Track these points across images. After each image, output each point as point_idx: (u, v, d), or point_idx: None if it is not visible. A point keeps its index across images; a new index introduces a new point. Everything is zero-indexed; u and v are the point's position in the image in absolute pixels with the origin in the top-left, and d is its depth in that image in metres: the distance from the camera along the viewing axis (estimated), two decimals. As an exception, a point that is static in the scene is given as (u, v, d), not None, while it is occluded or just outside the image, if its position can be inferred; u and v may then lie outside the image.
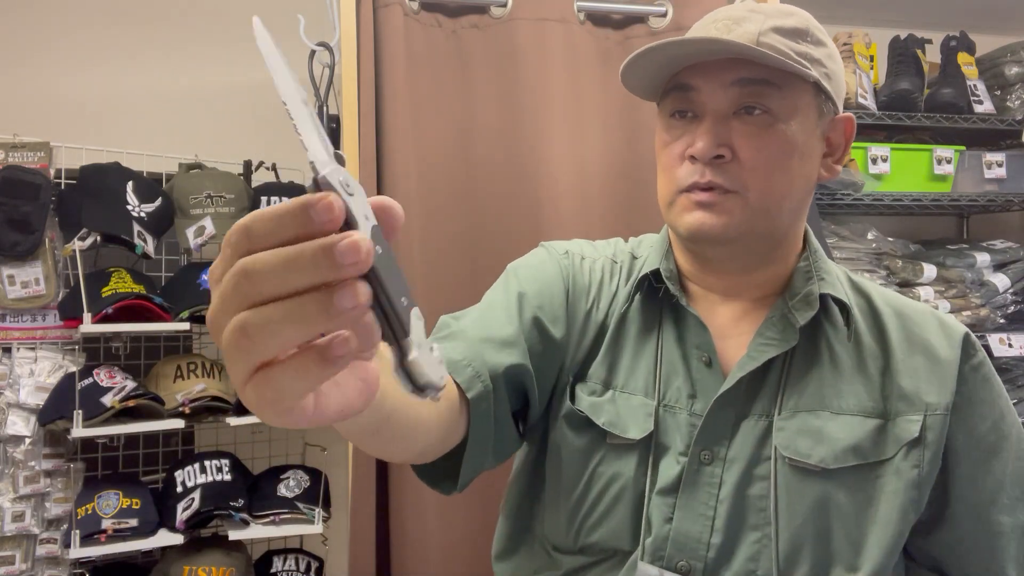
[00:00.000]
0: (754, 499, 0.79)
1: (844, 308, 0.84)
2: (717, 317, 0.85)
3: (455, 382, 0.74)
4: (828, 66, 0.80)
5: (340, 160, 0.39)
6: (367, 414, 0.52)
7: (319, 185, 0.37)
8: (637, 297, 0.88)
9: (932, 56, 2.24)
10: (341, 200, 0.37)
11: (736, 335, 0.85)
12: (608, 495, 0.82)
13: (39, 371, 1.69)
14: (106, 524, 1.57)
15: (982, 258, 2.18)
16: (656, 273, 0.87)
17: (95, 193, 1.68)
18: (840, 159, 0.85)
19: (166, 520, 1.64)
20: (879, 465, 0.79)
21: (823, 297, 0.82)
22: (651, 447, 0.82)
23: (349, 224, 0.37)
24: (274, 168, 1.92)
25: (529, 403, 0.86)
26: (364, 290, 0.36)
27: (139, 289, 1.65)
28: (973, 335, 0.85)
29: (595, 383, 0.86)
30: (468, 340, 0.79)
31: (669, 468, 0.81)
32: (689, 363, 0.84)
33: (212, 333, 0.38)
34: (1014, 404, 2.26)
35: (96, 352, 1.79)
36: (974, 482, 0.81)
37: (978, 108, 2.18)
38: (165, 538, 1.61)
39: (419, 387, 0.41)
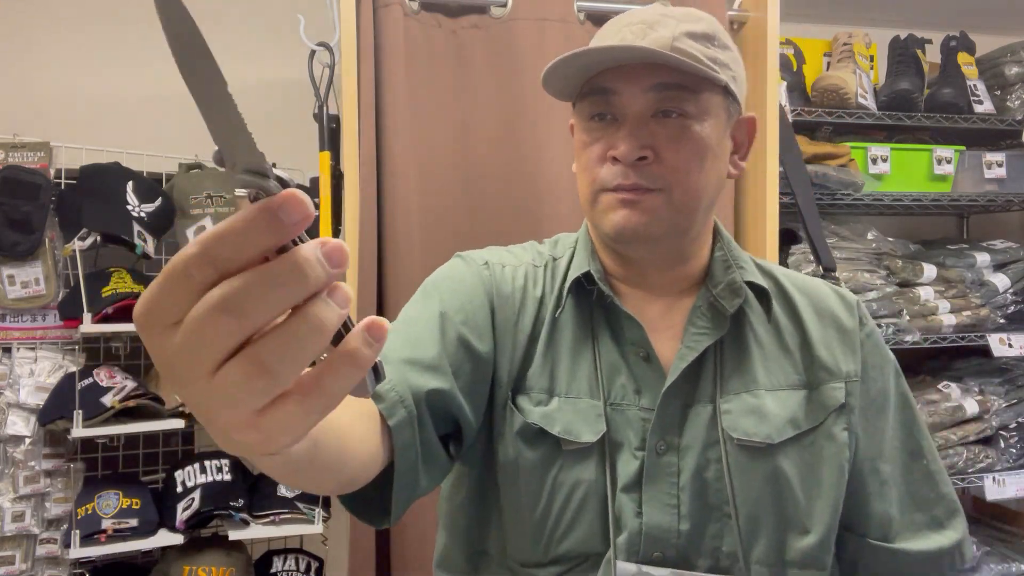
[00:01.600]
0: (711, 481, 0.83)
1: (763, 293, 0.89)
2: (646, 313, 0.88)
3: (378, 408, 0.70)
4: (734, 69, 0.85)
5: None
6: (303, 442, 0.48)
7: (263, 185, 0.34)
8: (568, 300, 0.89)
9: (932, 56, 2.24)
10: (301, 192, 0.34)
11: (666, 328, 0.88)
12: (573, 503, 0.83)
13: (39, 371, 1.69)
14: (106, 524, 1.57)
15: (982, 258, 2.18)
16: (587, 275, 0.88)
17: (95, 193, 1.68)
18: (744, 156, 0.90)
19: (166, 520, 1.64)
20: (813, 432, 0.85)
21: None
22: (606, 447, 0.84)
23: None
24: (274, 168, 1.92)
25: (459, 428, 0.83)
26: (349, 290, 0.36)
27: (139, 289, 1.65)
28: (863, 304, 0.94)
29: (539, 392, 0.86)
30: (390, 363, 0.75)
31: (627, 464, 0.84)
32: (628, 360, 0.87)
33: (177, 381, 0.35)
34: (1014, 404, 2.25)
35: (96, 352, 1.79)
36: (869, 437, 0.88)
37: (978, 108, 2.18)
38: (165, 538, 1.61)
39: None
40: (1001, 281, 2.19)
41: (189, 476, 1.69)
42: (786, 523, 0.83)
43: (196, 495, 1.64)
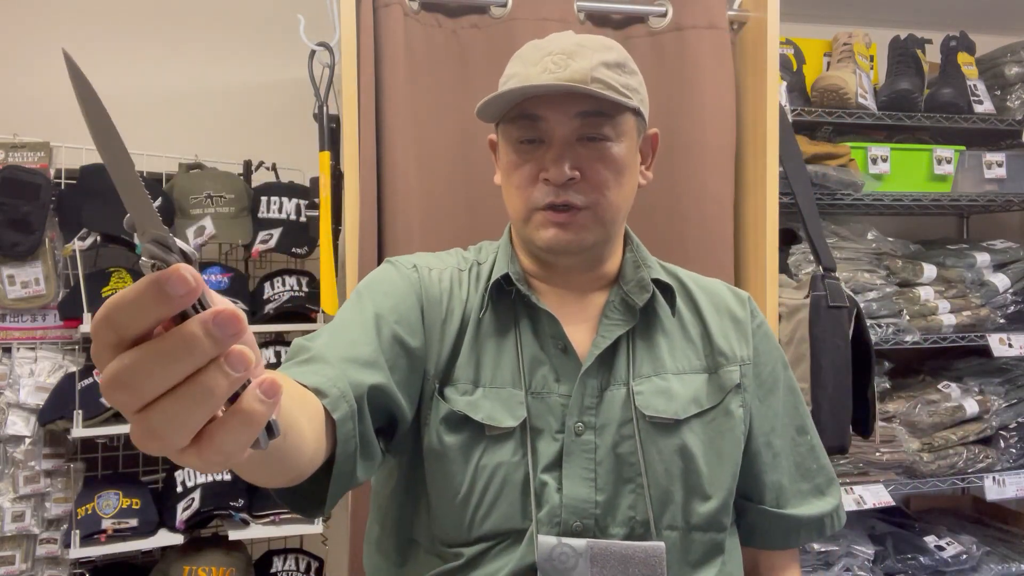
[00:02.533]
0: (625, 456, 0.92)
1: (668, 289, 1.00)
2: (563, 308, 0.97)
3: (322, 404, 0.74)
4: (641, 92, 0.96)
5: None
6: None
7: (164, 257, 0.37)
8: (489, 300, 0.97)
9: (932, 56, 2.24)
10: (190, 268, 0.36)
11: (582, 321, 0.97)
12: (494, 484, 0.90)
13: (39, 371, 1.69)
14: (106, 524, 1.57)
15: (982, 258, 2.18)
16: (506, 277, 0.96)
17: (95, 193, 1.68)
18: (650, 166, 1.02)
19: (166, 520, 1.64)
20: (713, 410, 0.96)
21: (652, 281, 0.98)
22: (527, 431, 0.91)
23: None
24: (274, 168, 1.92)
25: (393, 420, 0.88)
26: (248, 351, 0.38)
27: (139, 289, 1.65)
28: (753, 299, 1.06)
29: (464, 383, 0.93)
30: (330, 362, 0.80)
31: (548, 447, 0.92)
32: (548, 352, 0.95)
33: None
34: (1014, 404, 2.26)
35: (96, 352, 1.79)
36: (762, 415, 0.99)
37: (978, 108, 2.18)
38: (165, 538, 1.61)
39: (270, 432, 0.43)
40: (1001, 281, 2.19)
41: (189, 476, 1.69)
42: (691, 491, 0.93)
43: (196, 495, 1.64)
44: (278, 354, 1.82)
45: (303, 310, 1.78)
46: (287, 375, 0.75)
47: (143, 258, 0.38)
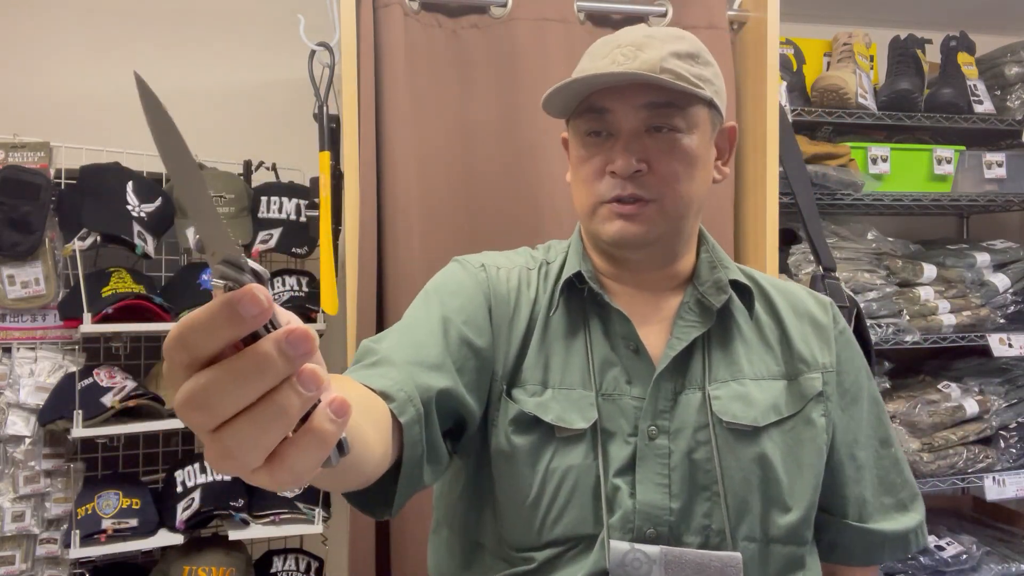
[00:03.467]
0: (701, 462, 0.89)
1: (746, 291, 0.97)
2: (635, 308, 0.94)
3: (389, 408, 0.74)
4: (716, 83, 0.92)
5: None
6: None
7: (237, 277, 0.37)
8: (561, 299, 0.95)
9: (932, 56, 2.24)
10: (262, 288, 0.37)
11: (655, 322, 0.95)
12: (565, 487, 0.88)
13: (39, 371, 1.69)
14: (106, 524, 1.57)
15: (982, 258, 2.18)
16: (578, 275, 0.94)
17: (95, 193, 1.68)
18: (727, 162, 0.98)
19: (166, 520, 1.64)
20: (793, 418, 0.92)
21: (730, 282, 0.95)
22: (598, 434, 0.89)
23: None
24: (274, 168, 1.92)
25: (461, 422, 0.87)
26: (319, 370, 0.38)
27: (139, 289, 1.65)
28: (835, 305, 1.02)
29: (533, 384, 0.91)
30: (397, 365, 0.80)
31: (620, 450, 0.89)
32: (619, 353, 0.92)
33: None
34: (1014, 404, 2.25)
35: (96, 352, 1.79)
36: (845, 426, 0.96)
37: (978, 108, 2.18)
38: (165, 538, 1.61)
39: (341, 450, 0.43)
40: (1001, 281, 2.19)
41: (189, 476, 1.69)
42: (770, 502, 0.89)
43: (196, 495, 1.64)
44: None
45: (303, 310, 1.78)
46: (354, 379, 0.75)
47: (214, 279, 0.38)
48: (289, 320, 0.39)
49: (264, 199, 1.83)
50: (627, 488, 0.87)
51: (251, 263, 0.38)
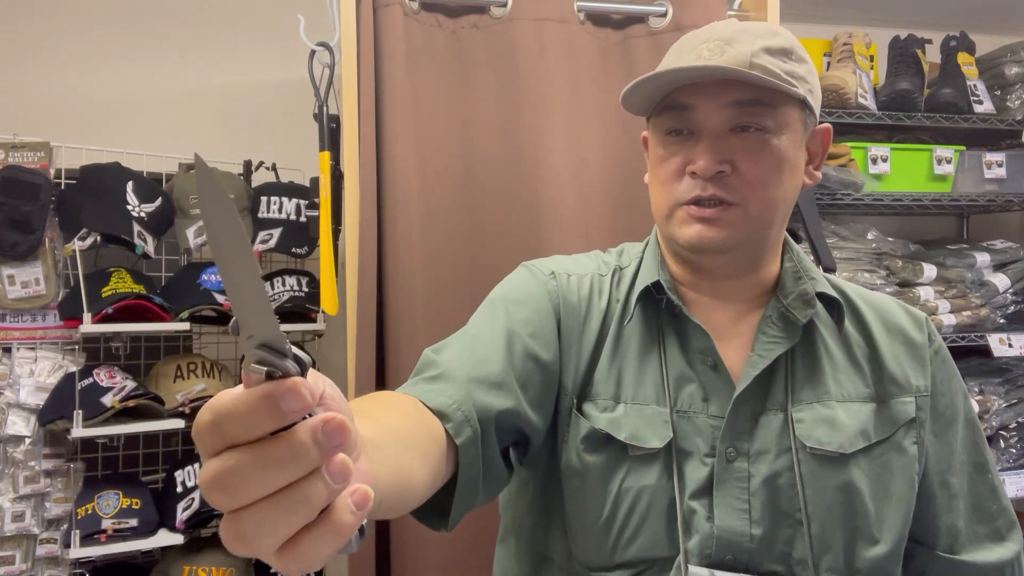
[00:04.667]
0: (783, 488, 0.83)
1: (834, 304, 0.90)
2: (713, 320, 0.89)
3: (445, 427, 0.71)
4: (810, 82, 0.85)
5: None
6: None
7: (280, 365, 0.35)
8: (636, 308, 0.90)
9: (932, 56, 2.24)
10: (306, 383, 0.35)
11: (734, 336, 0.88)
12: (639, 508, 0.83)
13: (39, 371, 1.69)
14: (106, 524, 1.57)
15: (982, 258, 2.18)
16: (657, 284, 0.89)
17: (95, 193, 1.68)
18: (819, 166, 0.91)
19: (166, 520, 1.64)
20: (883, 444, 0.86)
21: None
22: (672, 453, 0.84)
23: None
24: (274, 168, 1.92)
25: (524, 438, 0.84)
26: (348, 461, 0.37)
27: (139, 289, 1.65)
28: (931, 320, 0.95)
29: (605, 399, 0.86)
30: (456, 382, 0.76)
31: (696, 471, 0.84)
32: (696, 368, 0.87)
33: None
34: (1014, 404, 2.25)
35: (96, 352, 1.79)
36: (939, 452, 0.89)
37: (978, 108, 2.18)
38: (165, 538, 1.61)
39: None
40: (1001, 281, 2.19)
41: (189, 476, 1.69)
42: (856, 533, 0.83)
43: (196, 495, 1.64)
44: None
45: (303, 310, 1.78)
46: (412, 393, 0.73)
47: (252, 364, 0.36)
48: (323, 392, 0.38)
49: (264, 199, 1.83)
50: (704, 511, 0.83)
51: (294, 349, 0.36)
